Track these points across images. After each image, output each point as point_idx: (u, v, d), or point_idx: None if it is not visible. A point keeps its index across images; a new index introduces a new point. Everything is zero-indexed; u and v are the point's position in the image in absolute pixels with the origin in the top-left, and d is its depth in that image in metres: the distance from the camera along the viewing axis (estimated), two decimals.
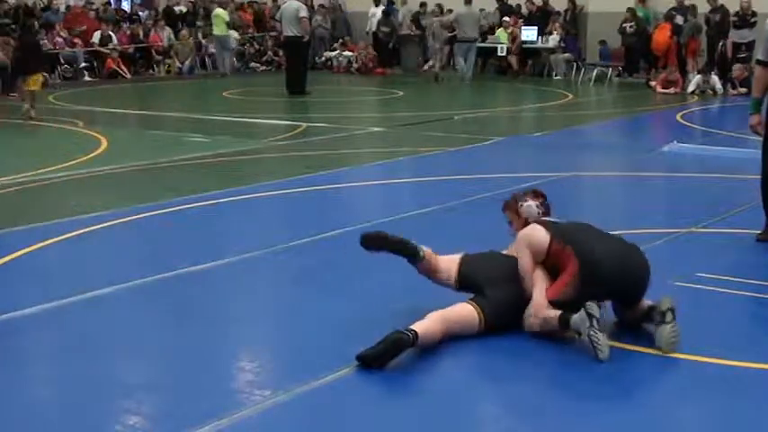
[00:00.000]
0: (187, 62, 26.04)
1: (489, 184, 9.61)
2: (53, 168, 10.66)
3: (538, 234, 5.38)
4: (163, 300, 6.03)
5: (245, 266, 6.75)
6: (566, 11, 25.08)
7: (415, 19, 27.29)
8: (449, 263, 5.58)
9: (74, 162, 11.17)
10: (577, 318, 4.95)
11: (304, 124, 15.00)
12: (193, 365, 4.90)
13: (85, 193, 9.52)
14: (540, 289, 5.31)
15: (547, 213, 5.62)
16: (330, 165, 11.13)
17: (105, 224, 7.92)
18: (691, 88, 20.26)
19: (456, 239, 7.48)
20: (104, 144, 12.72)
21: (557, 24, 24.88)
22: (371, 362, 4.74)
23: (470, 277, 5.45)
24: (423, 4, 27.27)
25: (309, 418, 4.29)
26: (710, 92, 19.96)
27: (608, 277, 5.15)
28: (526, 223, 5.55)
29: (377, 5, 27.00)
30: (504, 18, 24.96)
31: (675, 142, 12.45)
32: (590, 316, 4.87)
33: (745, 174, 9.31)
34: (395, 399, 4.54)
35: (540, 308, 5.20)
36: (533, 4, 25.59)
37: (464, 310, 5.23)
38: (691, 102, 19.00)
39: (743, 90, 19.17)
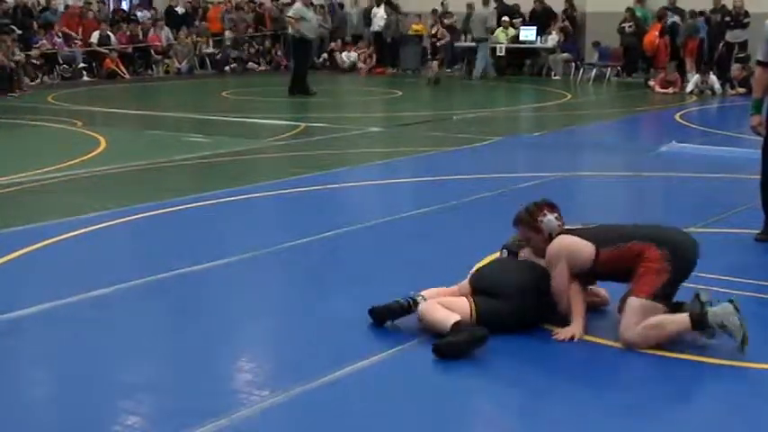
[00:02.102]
0: (185, 62, 26.04)
1: (488, 184, 9.62)
2: (52, 168, 10.66)
3: (578, 245, 5.27)
4: (162, 300, 6.03)
5: (245, 266, 6.75)
6: (564, 11, 25.08)
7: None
8: (465, 283, 5.54)
9: (73, 162, 11.17)
10: (719, 310, 4.88)
11: (303, 124, 15.00)
12: (193, 365, 4.91)
13: (84, 194, 9.51)
14: (578, 308, 5.24)
15: (563, 225, 5.50)
16: (329, 165, 11.13)
17: (104, 224, 7.92)
18: (689, 88, 20.27)
19: (455, 240, 7.51)
20: (103, 144, 12.72)
21: (556, 25, 24.89)
22: (449, 356, 4.79)
23: (482, 285, 5.38)
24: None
25: (308, 417, 4.29)
26: (709, 92, 19.97)
27: (690, 248, 5.17)
28: (549, 238, 5.40)
29: (378, 5, 26.95)
30: (504, 18, 24.95)
31: (674, 142, 12.45)
32: (733, 304, 4.86)
33: (744, 174, 9.31)
34: (394, 398, 4.53)
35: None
36: (542, 3, 25.48)
37: (459, 302, 5.21)
38: (689, 102, 19.01)
39: (741, 90, 19.19)
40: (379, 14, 26.77)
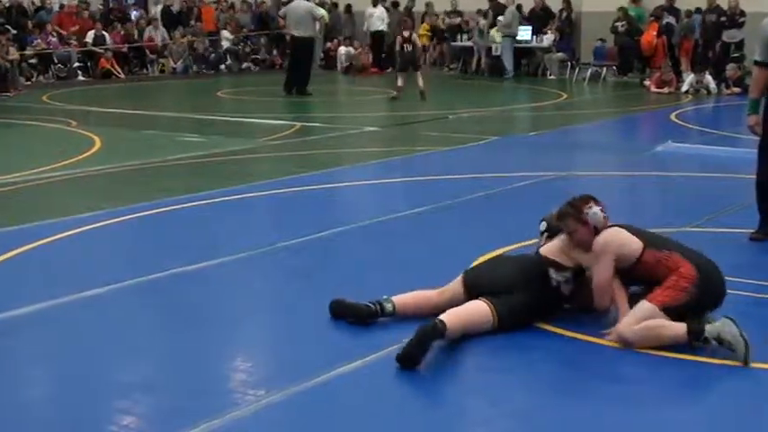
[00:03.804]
0: (180, 62, 26.01)
1: (484, 184, 9.62)
2: (47, 168, 10.64)
3: (629, 239, 5.26)
4: (157, 300, 6.02)
5: (240, 266, 6.74)
6: (561, 11, 25.09)
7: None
8: (452, 286, 5.53)
9: (67, 162, 11.15)
10: (718, 324, 4.85)
11: (298, 124, 14.99)
12: (187, 365, 4.89)
13: (79, 193, 9.50)
14: (624, 304, 5.24)
15: (607, 218, 5.45)
16: (325, 164, 11.12)
17: (99, 224, 7.90)
18: (685, 88, 20.27)
19: (450, 239, 7.51)
20: (98, 144, 12.70)
21: (553, 24, 24.91)
22: (408, 361, 4.72)
23: (479, 285, 5.37)
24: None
25: (303, 417, 4.28)
26: (704, 91, 19.97)
27: (719, 285, 5.18)
28: (595, 231, 5.34)
29: (375, 5, 26.94)
30: (499, 18, 24.95)
31: (670, 142, 12.46)
32: (732, 320, 4.83)
33: (740, 173, 9.31)
34: (388, 398, 4.52)
35: (629, 325, 5.04)
36: (542, 2, 25.49)
37: (478, 309, 5.18)
38: (685, 101, 19.01)
39: (737, 90, 19.20)
40: (376, 14, 26.75)
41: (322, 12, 20.09)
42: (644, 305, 5.06)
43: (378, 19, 26.62)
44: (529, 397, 4.59)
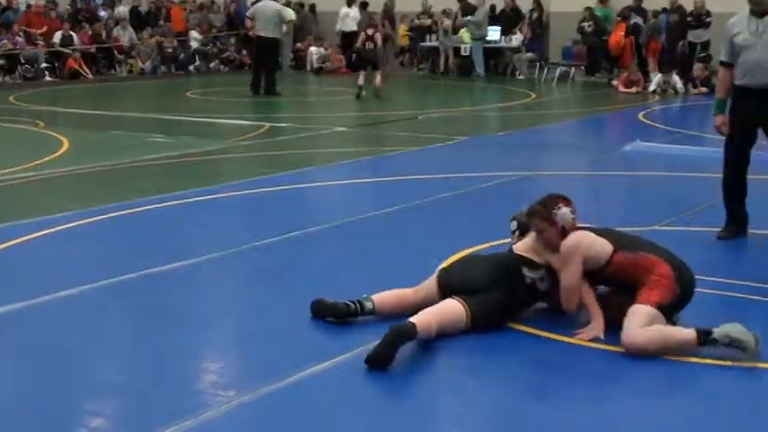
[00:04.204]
0: (149, 62, 25.90)
1: (453, 184, 9.65)
2: (15, 169, 10.56)
3: (597, 241, 5.27)
4: (129, 300, 6.00)
5: (212, 266, 6.73)
6: (531, 11, 25.20)
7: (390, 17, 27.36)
8: (426, 285, 5.55)
9: (36, 163, 11.07)
10: (726, 326, 4.83)
11: (268, 124, 14.97)
12: (159, 366, 4.89)
13: (50, 194, 9.45)
14: (595, 305, 5.27)
15: (576, 219, 5.47)
16: (295, 164, 11.12)
17: (70, 225, 7.87)
18: (652, 87, 20.41)
19: (421, 238, 7.53)
20: (66, 145, 12.62)
21: (525, 24, 25.01)
22: (378, 363, 4.73)
23: (453, 284, 5.39)
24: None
25: (274, 418, 4.28)
26: (672, 91, 20.12)
27: (691, 283, 5.22)
28: (563, 231, 5.36)
29: (349, 6, 26.91)
30: (468, 18, 25.01)
31: (638, 141, 12.54)
32: (743, 326, 4.83)
33: (707, 172, 9.40)
34: (361, 398, 4.54)
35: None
36: (513, 3, 25.56)
37: (452, 308, 5.19)
38: (652, 101, 19.14)
39: (704, 89, 19.35)
40: (351, 15, 26.75)
41: (291, 15, 20.07)
42: (640, 308, 5.00)
43: (352, 19, 26.62)
44: (503, 397, 4.60)
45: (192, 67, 26.79)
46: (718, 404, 4.49)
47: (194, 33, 27.45)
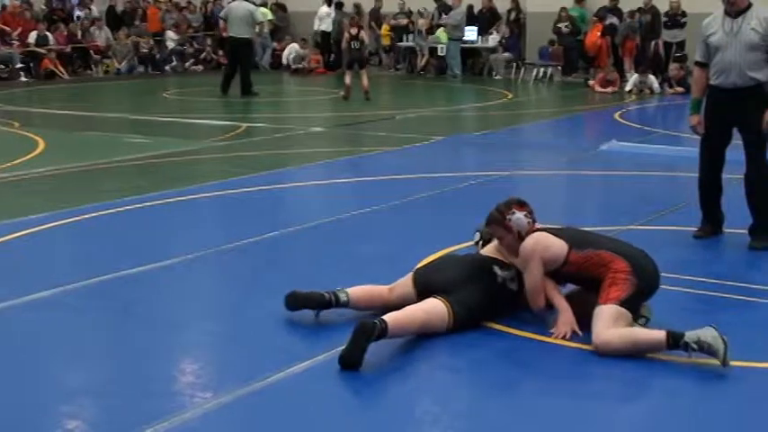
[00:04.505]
0: (125, 62, 25.79)
1: (430, 184, 9.66)
2: None
3: (553, 243, 5.33)
4: (105, 302, 5.96)
5: (187, 268, 6.71)
6: (509, 11, 25.26)
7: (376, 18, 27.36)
8: (402, 284, 5.56)
9: (10, 164, 11.01)
10: (697, 330, 4.80)
11: (244, 125, 14.93)
12: (135, 368, 4.86)
13: (25, 195, 9.39)
14: (562, 302, 5.32)
15: (534, 222, 5.52)
16: (272, 165, 11.09)
17: (45, 226, 7.82)
18: (628, 87, 20.48)
19: (399, 239, 7.53)
20: (42, 145, 12.55)
21: (502, 24, 25.07)
22: (347, 362, 4.72)
23: (429, 284, 5.41)
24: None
25: (251, 419, 4.27)
26: (648, 91, 20.20)
27: (652, 273, 5.24)
28: (519, 236, 5.43)
29: (329, 5, 26.90)
30: (445, 18, 25.05)
31: (614, 141, 12.58)
32: (715, 328, 4.80)
33: (683, 171, 9.44)
34: (338, 399, 4.54)
35: (571, 323, 5.18)
36: (490, 3, 25.60)
37: (434, 307, 5.19)
38: (628, 101, 19.22)
39: (680, 89, 19.43)
40: (330, 14, 26.72)
41: (262, 16, 20.02)
42: (604, 309, 5.03)
43: (327, 19, 26.64)
44: (478, 396, 4.62)
45: (168, 68, 26.70)
46: (683, 403, 4.50)
47: (171, 33, 27.35)
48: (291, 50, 27.08)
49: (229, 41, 19.64)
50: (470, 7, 25.31)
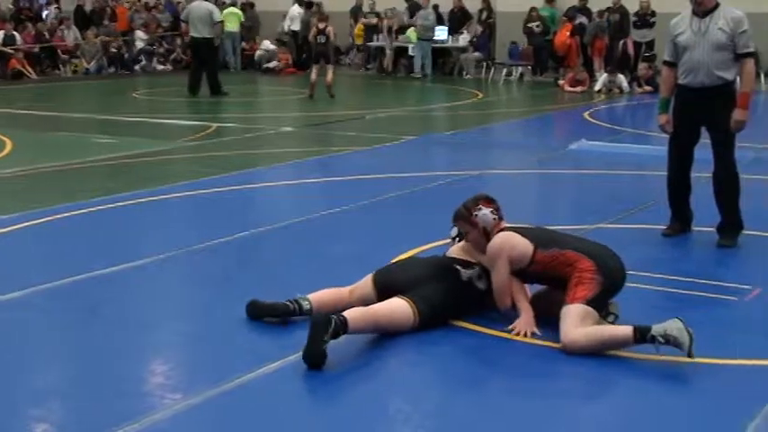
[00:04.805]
0: (94, 62, 25.64)
1: (400, 183, 9.67)
2: None
3: (519, 242, 5.34)
4: (74, 303, 5.92)
5: (158, 268, 6.68)
6: (480, 11, 25.32)
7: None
8: (362, 285, 5.56)
9: None
10: (668, 325, 4.80)
11: (215, 125, 14.89)
12: (105, 370, 4.83)
13: None
14: (525, 301, 5.34)
15: (501, 219, 5.54)
16: (242, 165, 11.06)
17: (14, 227, 7.76)
18: (598, 87, 20.58)
19: (369, 239, 7.53)
20: (9, 146, 12.46)
21: (473, 24, 25.12)
22: (309, 359, 4.71)
23: (389, 285, 5.41)
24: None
25: (221, 420, 4.26)
26: (617, 90, 20.31)
27: (617, 271, 5.26)
28: (485, 232, 5.46)
29: (300, 5, 26.85)
30: (416, 19, 25.05)
31: (583, 140, 12.64)
32: (681, 320, 4.82)
33: (652, 170, 9.50)
34: (307, 398, 4.54)
35: (531, 325, 5.21)
36: (460, 3, 25.63)
37: (397, 305, 5.19)
38: (598, 100, 19.32)
39: (648, 88, 19.56)
40: (296, 13, 26.68)
41: (220, 16, 19.89)
42: (571, 309, 5.06)
43: (297, 18, 26.59)
44: (446, 394, 4.62)
45: (137, 67, 26.57)
46: (650, 401, 4.51)
47: (140, 33, 27.23)
48: (265, 46, 27.01)
49: (191, 42, 19.64)
50: (436, 7, 25.31)
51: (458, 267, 5.49)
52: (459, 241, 5.83)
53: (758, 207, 8.02)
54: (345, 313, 4.93)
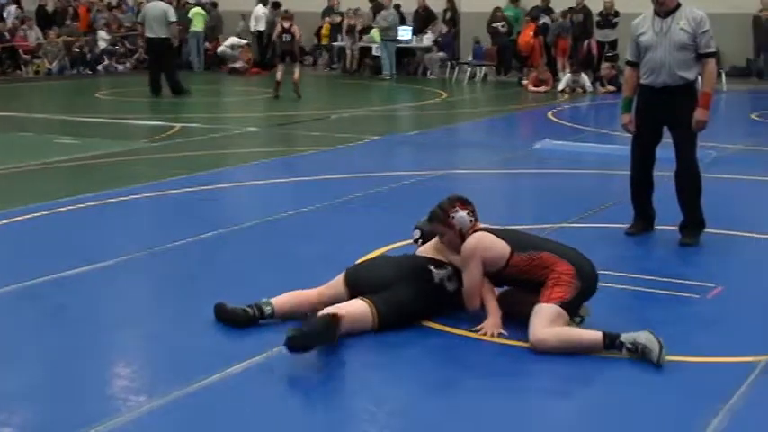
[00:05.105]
0: (56, 62, 25.43)
1: (366, 183, 9.67)
2: None
3: (495, 243, 5.35)
4: (37, 305, 5.88)
5: (122, 270, 6.64)
6: (445, 11, 25.35)
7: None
8: (333, 285, 5.56)
9: None
10: (637, 335, 4.86)
11: (179, 125, 14.81)
12: (68, 372, 4.81)
13: None
14: (493, 303, 5.36)
15: (477, 220, 5.56)
16: (207, 165, 11.02)
17: None
18: (561, 87, 20.68)
19: (334, 239, 7.53)
20: None
21: (437, 24, 25.16)
22: (300, 344, 4.71)
23: (360, 283, 5.42)
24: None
25: (186, 421, 4.25)
26: (580, 90, 20.41)
27: (592, 275, 5.29)
28: (461, 234, 5.47)
29: (265, 5, 26.76)
30: (379, 20, 25.04)
31: (547, 139, 12.70)
32: (651, 332, 4.86)
33: (615, 169, 9.56)
34: (272, 400, 4.53)
35: (497, 326, 5.24)
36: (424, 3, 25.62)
37: (358, 308, 5.20)
38: (561, 100, 19.40)
39: (611, 88, 19.68)
40: (261, 13, 26.59)
41: (175, 16, 19.76)
42: (543, 308, 5.08)
43: (262, 18, 26.51)
44: (414, 394, 4.63)
45: (100, 68, 26.39)
46: (618, 398, 4.55)
47: (102, 33, 27.03)
48: (230, 42, 26.86)
49: (147, 42, 19.55)
50: (398, 6, 25.32)
51: (431, 268, 5.49)
52: (421, 243, 5.86)
53: (719, 206, 8.09)
54: (324, 313, 4.93)
